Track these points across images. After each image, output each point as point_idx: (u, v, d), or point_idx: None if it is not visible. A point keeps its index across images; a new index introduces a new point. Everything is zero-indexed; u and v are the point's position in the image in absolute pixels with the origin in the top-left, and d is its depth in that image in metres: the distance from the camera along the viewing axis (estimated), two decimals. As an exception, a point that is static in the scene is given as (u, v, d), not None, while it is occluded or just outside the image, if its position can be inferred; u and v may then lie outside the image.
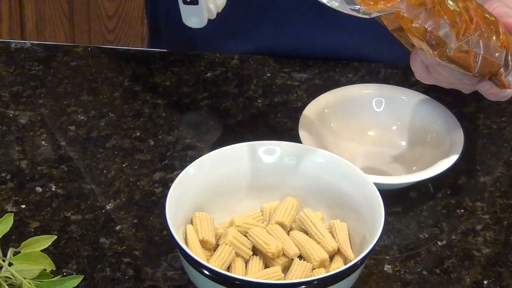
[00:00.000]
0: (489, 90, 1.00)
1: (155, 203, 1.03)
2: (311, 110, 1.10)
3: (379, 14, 0.90)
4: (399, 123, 1.12)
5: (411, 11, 0.91)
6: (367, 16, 0.90)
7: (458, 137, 1.06)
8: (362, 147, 1.11)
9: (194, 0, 1.04)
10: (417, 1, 0.91)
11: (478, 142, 1.14)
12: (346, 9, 0.90)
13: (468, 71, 0.96)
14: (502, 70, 0.98)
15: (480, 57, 0.95)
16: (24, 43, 1.28)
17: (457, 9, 0.94)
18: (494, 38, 0.96)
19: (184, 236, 0.92)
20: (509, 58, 0.98)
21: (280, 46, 1.26)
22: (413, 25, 0.91)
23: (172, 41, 1.31)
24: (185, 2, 1.04)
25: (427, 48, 0.93)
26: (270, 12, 1.24)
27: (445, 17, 0.92)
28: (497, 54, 0.96)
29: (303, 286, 0.84)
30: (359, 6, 0.89)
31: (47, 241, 0.88)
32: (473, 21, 0.94)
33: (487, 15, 0.97)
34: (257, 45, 1.26)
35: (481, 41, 0.95)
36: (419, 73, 1.00)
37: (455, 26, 0.93)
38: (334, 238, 0.93)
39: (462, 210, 1.04)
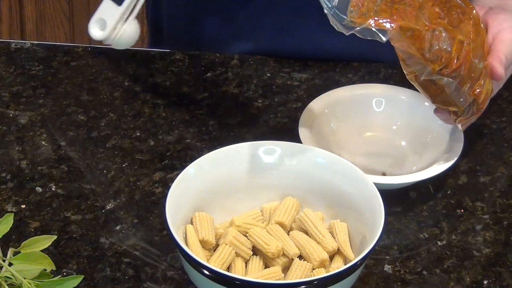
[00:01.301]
0: (444, 119, 1.04)
1: (155, 203, 1.03)
2: (311, 110, 1.10)
3: (358, 34, 0.91)
4: (399, 123, 1.12)
5: (395, 37, 0.92)
6: (346, 31, 0.91)
7: (458, 137, 1.06)
8: (362, 147, 1.11)
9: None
10: (410, 25, 0.92)
11: (478, 142, 1.14)
12: (328, 13, 0.90)
13: (430, 99, 1.00)
14: (459, 113, 1.01)
15: (446, 94, 0.97)
16: (24, 43, 1.28)
17: (448, 46, 0.95)
18: (468, 85, 0.97)
19: (184, 236, 0.92)
20: (474, 106, 1.00)
21: (280, 46, 1.26)
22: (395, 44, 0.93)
23: (174, 42, 1.31)
24: None
25: (403, 65, 0.95)
26: (270, 12, 1.24)
27: (430, 49, 0.93)
28: (461, 100, 0.98)
29: (303, 286, 0.84)
30: (345, 18, 0.90)
31: (47, 241, 0.88)
32: (458, 62, 0.95)
33: (476, 61, 0.98)
34: (257, 45, 1.26)
35: (454, 83, 0.96)
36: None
37: (434, 61, 0.94)
38: (334, 238, 0.93)
39: (462, 210, 1.04)
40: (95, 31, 1.00)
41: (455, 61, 0.95)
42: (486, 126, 1.16)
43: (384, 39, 0.91)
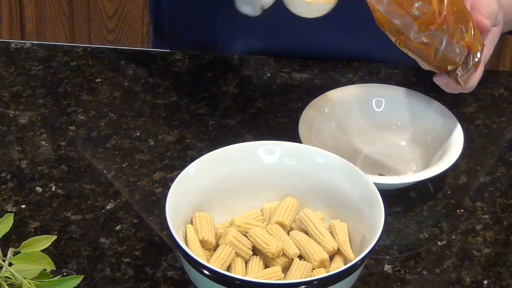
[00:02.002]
0: (445, 85, 1.01)
1: (155, 203, 1.03)
2: (311, 110, 1.10)
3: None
4: (399, 123, 1.12)
5: None
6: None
7: (458, 137, 1.06)
8: (362, 147, 1.11)
9: None
10: None
11: (478, 142, 1.14)
12: None
13: (425, 63, 0.97)
14: (460, 68, 0.98)
15: (440, 52, 0.95)
16: (24, 43, 1.28)
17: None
18: (459, 36, 0.96)
19: (184, 236, 0.92)
20: (470, 58, 0.98)
21: (280, 46, 1.26)
22: (376, 8, 0.92)
23: (176, 42, 1.31)
24: None
25: (389, 34, 0.94)
26: (270, 12, 1.24)
27: (411, 6, 0.92)
28: (457, 52, 0.96)
29: (303, 286, 0.84)
30: None
31: (47, 241, 0.88)
32: (441, 15, 0.94)
33: (459, 8, 0.97)
34: (257, 45, 1.26)
35: (444, 37, 0.94)
36: None
37: (419, 18, 0.92)
38: (334, 238, 0.93)
39: (462, 210, 1.04)
40: (247, 10, 1.06)
41: (439, 15, 0.94)
42: (486, 126, 1.16)
43: None
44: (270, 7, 1.24)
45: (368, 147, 1.11)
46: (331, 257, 0.92)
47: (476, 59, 0.99)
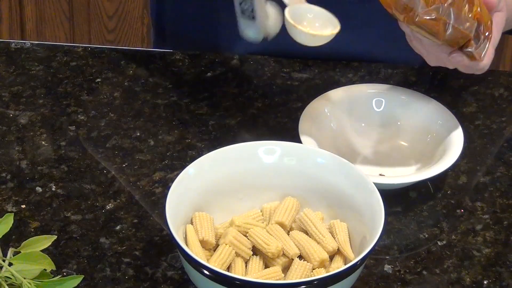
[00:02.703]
0: (460, 62, 1.00)
1: (155, 203, 1.03)
2: (311, 110, 1.10)
3: None
4: (399, 123, 1.12)
5: None
6: None
7: (458, 137, 1.06)
8: (362, 147, 1.11)
9: (250, 15, 1.04)
10: None
11: (478, 142, 1.14)
12: None
13: (436, 39, 0.96)
14: (473, 42, 0.98)
15: (450, 26, 0.95)
16: (24, 43, 1.28)
17: None
18: (466, 8, 0.95)
19: (184, 236, 0.92)
20: (481, 30, 0.97)
21: (280, 46, 1.26)
22: None
23: (178, 42, 1.31)
24: (242, 15, 1.05)
25: (395, 13, 0.94)
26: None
27: None
28: (467, 25, 0.95)
29: (303, 286, 0.84)
30: None
31: (47, 241, 0.88)
32: None
33: None
34: (257, 45, 1.26)
35: (451, 10, 0.94)
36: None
37: None
38: (334, 238, 0.93)
39: (462, 210, 1.04)
40: (249, 36, 1.08)
41: None
42: (486, 126, 1.16)
43: None
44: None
45: (368, 147, 1.11)
46: (331, 257, 0.92)
47: (487, 33, 0.98)
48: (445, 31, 0.95)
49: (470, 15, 0.95)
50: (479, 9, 0.97)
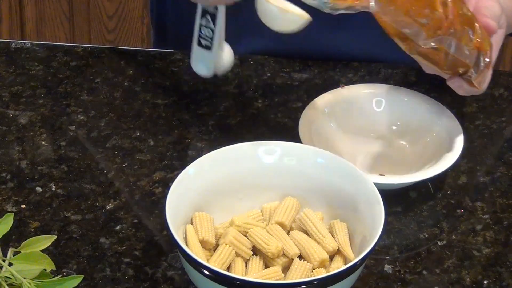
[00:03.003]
0: (459, 87, 1.01)
1: (155, 203, 1.03)
2: (311, 110, 1.10)
3: (347, 12, 0.91)
4: (399, 123, 1.12)
5: (380, 8, 0.91)
6: (333, 12, 0.91)
7: (458, 137, 1.06)
8: (362, 147, 1.11)
9: (207, 44, 1.03)
10: None
11: (478, 142, 1.14)
12: (311, 2, 0.90)
13: (437, 67, 0.97)
14: (472, 70, 0.98)
15: (450, 56, 0.95)
16: (24, 43, 1.28)
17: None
18: (467, 38, 0.96)
19: (184, 236, 0.92)
20: (481, 58, 0.98)
21: (280, 46, 1.26)
22: (383, 20, 0.92)
23: (178, 42, 1.31)
24: (198, 44, 1.04)
25: (397, 41, 0.94)
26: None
27: (417, 14, 0.92)
28: (467, 54, 0.96)
29: (303, 286, 0.84)
30: (326, 1, 0.90)
31: (47, 241, 0.88)
32: (448, 19, 0.94)
33: (464, 11, 0.97)
34: (257, 45, 1.26)
35: (452, 41, 0.95)
36: None
37: (426, 25, 0.93)
38: (334, 238, 0.93)
39: (462, 210, 1.04)
40: (200, 69, 1.06)
41: (445, 19, 0.94)
42: (486, 126, 1.16)
43: (372, 6, 0.91)
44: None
45: (368, 147, 1.11)
46: (331, 257, 0.92)
47: (487, 60, 0.99)
48: (446, 60, 0.96)
49: (470, 45, 0.96)
50: (480, 35, 0.98)
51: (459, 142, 1.06)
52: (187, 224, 0.93)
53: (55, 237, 0.89)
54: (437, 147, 1.08)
